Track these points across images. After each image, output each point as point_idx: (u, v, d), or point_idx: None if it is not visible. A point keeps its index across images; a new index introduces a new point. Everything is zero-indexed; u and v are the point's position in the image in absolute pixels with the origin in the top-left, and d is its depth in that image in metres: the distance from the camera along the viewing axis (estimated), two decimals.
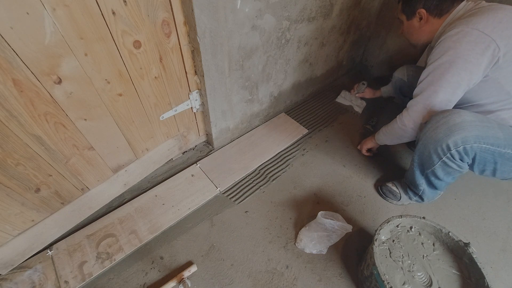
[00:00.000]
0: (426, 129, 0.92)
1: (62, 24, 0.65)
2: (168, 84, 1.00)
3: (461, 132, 0.83)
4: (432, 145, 0.90)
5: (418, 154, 0.99)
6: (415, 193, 1.12)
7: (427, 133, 0.91)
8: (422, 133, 0.94)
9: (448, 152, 0.87)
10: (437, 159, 0.92)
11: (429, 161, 0.95)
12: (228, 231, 1.08)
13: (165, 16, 0.83)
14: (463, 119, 0.84)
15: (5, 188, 0.78)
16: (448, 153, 0.88)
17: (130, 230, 1.04)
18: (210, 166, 1.28)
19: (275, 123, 1.52)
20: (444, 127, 0.86)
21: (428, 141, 0.91)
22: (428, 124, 0.91)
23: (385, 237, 0.90)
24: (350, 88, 1.69)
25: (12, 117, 0.69)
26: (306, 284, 0.95)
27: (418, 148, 0.97)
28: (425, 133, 0.92)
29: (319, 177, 1.28)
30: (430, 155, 0.93)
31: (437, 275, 0.82)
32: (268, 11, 1.03)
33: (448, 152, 0.88)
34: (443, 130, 0.86)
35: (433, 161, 0.94)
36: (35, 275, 0.92)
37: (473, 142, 0.83)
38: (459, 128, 0.83)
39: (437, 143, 0.88)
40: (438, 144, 0.88)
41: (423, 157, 0.96)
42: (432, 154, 0.92)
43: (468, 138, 0.83)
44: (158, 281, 0.94)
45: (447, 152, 0.88)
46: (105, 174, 1.03)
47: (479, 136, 0.82)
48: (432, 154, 0.92)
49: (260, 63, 1.19)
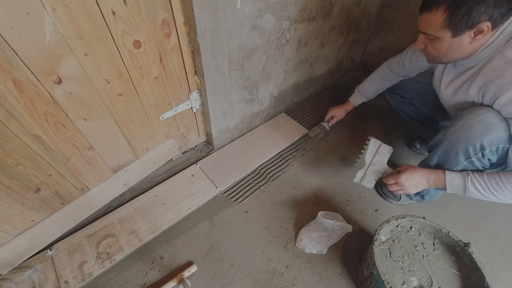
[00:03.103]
0: (456, 128, 0.84)
1: (62, 24, 0.65)
2: (168, 84, 1.00)
3: (497, 131, 0.78)
4: (463, 144, 0.83)
5: (438, 154, 0.91)
6: (417, 192, 1.11)
7: (457, 132, 0.84)
8: (450, 132, 0.86)
9: (481, 151, 0.82)
10: (463, 159, 0.86)
11: (453, 161, 0.88)
12: (228, 231, 1.08)
13: (165, 16, 0.83)
14: (499, 118, 0.78)
15: (5, 188, 0.78)
16: (480, 152, 0.82)
17: (130, 230, 1.04)
18: (210, 166, 1.28)
19: (275, 123, 1.52)
20: (479, 126, 0.79)
21: (458, 140, 0.84)
22: (458, 123, 0.83)
23: (385, 237, 0.90)
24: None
25: (12, 117, 0.69)
26: (306, 284, 0.95)
27: (441, 148, 0.89)
28: (454, 132, 0.84)
29: (319, 177, 1.28)
30: (457, 154, 0.86)
31: (437, 275, 0.82)
32: (268, 11, 1.03)
33: (480, 152, 0.82)
34: (479, 128, 0.79)
35: (458, 161, 0.87)
36: (35, 275, 0.92)
37: (507, 142, 0.79)
38: (495, 127, 0.78)
39: (469, 142, 0.82)
40: (470, 143, 0.82)
41: (447, 156, 0.89)
42: (460, 154, 0.85)
43: (503, 138, 0.79)
44: (158, 281, 0.94)
45: (479, 151, 0.82)
46: (105, 174, 1.03)
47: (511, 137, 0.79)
48: (460, 153, 0.85)
49: (260, 63, 1.19)
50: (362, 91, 1.30)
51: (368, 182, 1.01)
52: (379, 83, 1.25)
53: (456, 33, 0.72)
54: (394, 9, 1.61)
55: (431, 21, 0.73)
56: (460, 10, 0.67)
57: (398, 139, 1.47)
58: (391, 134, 1.49)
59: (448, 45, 0.76)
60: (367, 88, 1.28)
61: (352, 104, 1.35)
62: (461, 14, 0.68)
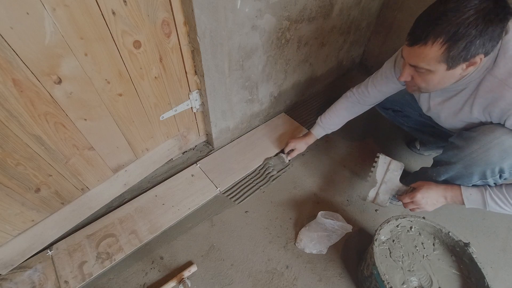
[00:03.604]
0: (471, 150, 0.80)
1: (62, 24, 0.65)
2: (168, 84, 1.00)
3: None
4: (480, 167, 0.80)
5: (450, 173, 0.88)
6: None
7: (473, 155, 0.79)
8: (464, 154, 0.81)
9: (499, 174, 0.79)
10: (477, 179, 0.83)
11: (465, 180, 0.86)
12: (228, 231, 1.08)
13: (165, 16, 0.83)
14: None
15: (5, 188, 0.78)
16: (498, 174, 0.80)
17: (130, 230, 1.04)
18: (210, 166, 1.28)
19: (275, 123, 1.52)
20: (497, 150, 0.76)
21: (474, 163, 0.80)
22: (474, 145, 0.79)
23: (385, 237, 0.90)
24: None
25: (12, 117, 0.69)
26: (306, 284, 0.95)
27: (453, 168, 0.85)
28: (470, 155, 0.80)
29: (319, 177, 1.28)
30: (472, 175, 0.83)
31: (437, 275, 0.82)
32: (268, 11, 1.03)
33: (498, 174, 0.80)
34: (497, 152, 0.76)
35: (471, 180, 0.84)
36: (35, 275, 0.92)
37: None
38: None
39: (487, 166, 0.79)
40: (489, 166, 0.78)
41: (460, 176, 0.86)
42: (475, 175, 0.82)
43: None
44: (158, 281, 0.94)
45: (497, 174, 0.80)
46: (105, 174, 1.03)
47: None
48: (475, 174, 0.82)
49: (260, 63, 1.19)
50: (325, 124, 1.19)
51: (382, 201, 0.97)
52: (344, 115, 1.17)
53: (452, 66, 0.68)
54: (394, 9, 1.61)
55: (426, 55, 0.67)
56: (459, 44, 0.63)
57: (398, 139, 1.47)
58: (390, 134, 1.49)
59: (441, 78, 0.72)
60: (331, 121, 1.18)
61: (315, 136, 1.25)
62: (460, 48, 0.63)
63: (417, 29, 0.67)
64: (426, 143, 1.36)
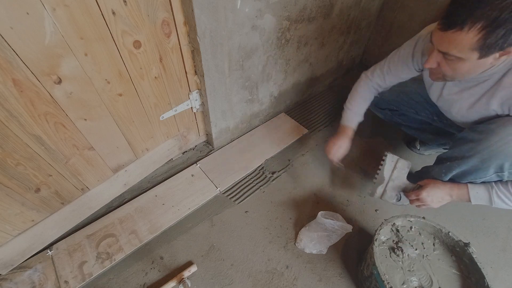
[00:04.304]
0: (491, 143, 0.76)
1: (62, 24, 0.65)
2: (168, 84, 1.00)
3: None
4: (499, 160, 0.76)
5: (463, 167, 0.84)
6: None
7: (492, 148, 0.76)
8: (482, 147, 0.78)
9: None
10: (492, 172, 0.80)
11: (480, 174, 0.83)
12: (228, 231, 1.08)
13: (165, 16, 0.83)
14: None
15: (5, 188, 0.78)
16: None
17: (130, 230, 1.04)
18: (210, 166, 1.28)
19: (275, 123, 1.52)
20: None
21: (493, 155, 0.77)
22: (494, 137, 0.75)
23: (385, 237, 0.90)
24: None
25: (12, 117, 0.69)
26: (306, 284, 0.95)
27: (468, 161, 0.82)
28: (488, 147, 0.77)
29: (319, 177, 1.28)
30: (488, 168, 0.79)
31: (437, 275, 0.82)
32: (268, 11, 1.03)
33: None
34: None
35: (486, 173, 0.81)
36: (35, 275, 0.92)
37: None
38: None
39: (506, 158, 0.75)
40: (508, 159, 0.75)
41: (474, 170, 0.83)
42: (491, 168, 0.79)
43: None
44: (158, 281, 0.94)
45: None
46: (105, 174, 1.03)
47: None
48: (491, 168, 0.79)
49: (260, 63, 1.19)
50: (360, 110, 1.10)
51: (389, 197, 1.00)
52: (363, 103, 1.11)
53: (485, 55, 0.62)
54: (394, 9, 1.61)
55: (459, 41, 0.61)
56: (498, 32, 0.57)
57: (398, 139, 1.47)
58: (390, 134, 1.49)
59: (471, 66, 0.67)
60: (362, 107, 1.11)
61: (351, 127, 1.11)
62: (499, 36, 0.58)
63: (454, 12, 0.60)
64: (426, 142, 1.35)
